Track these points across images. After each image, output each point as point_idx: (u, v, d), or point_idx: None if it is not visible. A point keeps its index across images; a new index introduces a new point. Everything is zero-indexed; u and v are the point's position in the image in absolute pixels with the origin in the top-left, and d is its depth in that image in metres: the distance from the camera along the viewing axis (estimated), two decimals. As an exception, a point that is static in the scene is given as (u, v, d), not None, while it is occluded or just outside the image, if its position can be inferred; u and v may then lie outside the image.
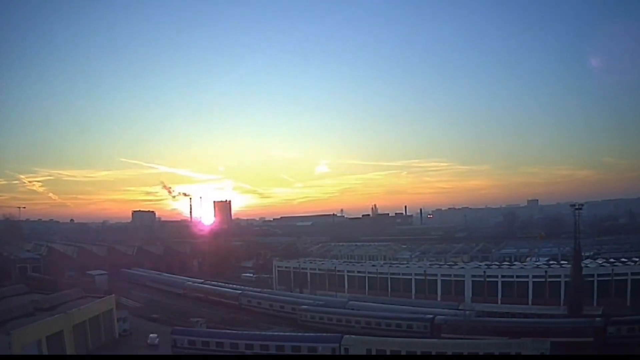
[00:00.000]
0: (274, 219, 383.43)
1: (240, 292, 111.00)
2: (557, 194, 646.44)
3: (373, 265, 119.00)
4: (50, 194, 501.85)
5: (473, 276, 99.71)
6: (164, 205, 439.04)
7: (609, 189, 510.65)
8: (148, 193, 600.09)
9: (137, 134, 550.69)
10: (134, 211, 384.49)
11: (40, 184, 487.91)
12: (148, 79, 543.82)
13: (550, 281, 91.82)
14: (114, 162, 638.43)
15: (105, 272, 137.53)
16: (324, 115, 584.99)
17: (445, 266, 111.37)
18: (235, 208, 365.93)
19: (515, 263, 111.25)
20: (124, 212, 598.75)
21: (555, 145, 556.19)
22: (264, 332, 74.05)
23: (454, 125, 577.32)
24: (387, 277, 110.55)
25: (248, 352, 64.80)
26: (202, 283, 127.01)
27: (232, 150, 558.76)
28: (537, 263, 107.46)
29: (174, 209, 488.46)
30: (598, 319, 70.72)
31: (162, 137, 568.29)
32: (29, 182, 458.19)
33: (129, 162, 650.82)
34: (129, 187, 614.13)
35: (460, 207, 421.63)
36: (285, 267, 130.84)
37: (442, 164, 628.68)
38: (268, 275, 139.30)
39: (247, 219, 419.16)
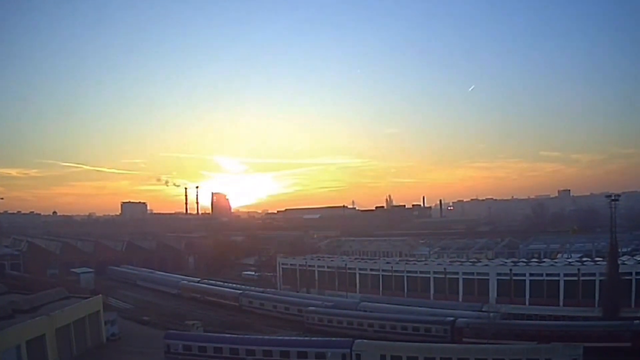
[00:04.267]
0: (278, 212, 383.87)
1: (240, 292, 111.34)
2: (591, 184, 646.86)
3: (387, 263, 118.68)
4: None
5: (498, 274, 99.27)
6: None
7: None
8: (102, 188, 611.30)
9: (48, 133, 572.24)
10: (123, 203, 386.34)
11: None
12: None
13: (583, 280, 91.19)
14: (35, 163, 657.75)
15: (91, 269, 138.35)
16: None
17: (468, 263, 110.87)
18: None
19: (544, 260, 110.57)
20: (112, 205, 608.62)
21: (588, 130, 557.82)
22: (267, 337, 74.01)
23: (478, 110, 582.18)
24: (403, 276, 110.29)
25: (249, 358, 64.81)
26: (198, 282, 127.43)
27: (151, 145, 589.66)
28: (569, 260, 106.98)
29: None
30: (636, 321, 70.19)
31: (75, 135, 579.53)
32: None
33: (47, 162, 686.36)
34: (75, 183, 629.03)
35: (484, 198, 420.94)
36: (291, 265, 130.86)
37: (460, 152, 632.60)
38: (271, 274, 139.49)
39: (249, 212, 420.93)
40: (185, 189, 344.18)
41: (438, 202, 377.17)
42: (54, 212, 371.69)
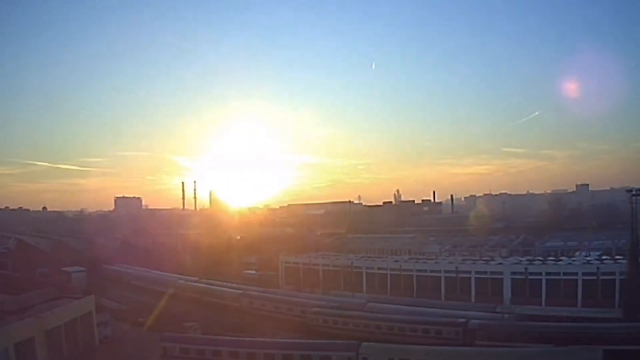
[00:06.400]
0: (280, 207, 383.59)
1: (241, 292, 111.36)
2: (611, 177, 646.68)
3: (396, 261, 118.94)
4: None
5: (513, 273, 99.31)
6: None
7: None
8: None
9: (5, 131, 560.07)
10: (117, 198, 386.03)
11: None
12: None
13: (602, 279, 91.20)
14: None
15: (83, 268, 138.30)
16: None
17: (481, 262, 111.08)
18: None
19: (562, 258, 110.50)
20: (105, 199, 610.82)
21: (607, 118, 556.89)
22: (268, 339, 74.05)
23: (492, 101, 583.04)
24: (412, 275, 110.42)
25: (250, 361, 64.99)
26: (196, 281, 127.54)
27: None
28: (588, 258, 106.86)
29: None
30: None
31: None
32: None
33: (9, 161, 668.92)
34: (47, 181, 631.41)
35: (497, 193, 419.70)
36: (294, 263, 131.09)
37: (474, 144, 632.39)
38: (273, 273, 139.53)
39: (250, 208, 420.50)
40: (182, 183, 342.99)
41: (449, 197, 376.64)
42: (44, 208, 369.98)
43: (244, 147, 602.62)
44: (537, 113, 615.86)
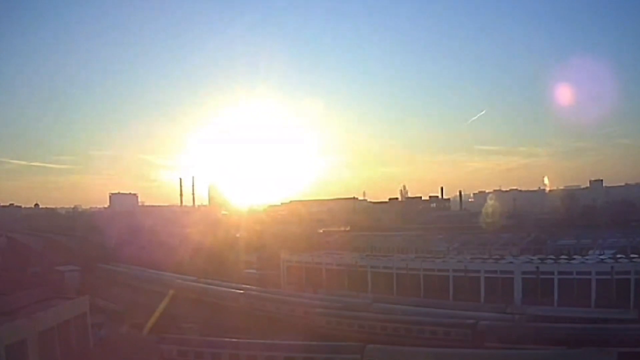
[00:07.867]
0: (282, 204, 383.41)
1: (241, 292, 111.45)
2: (625, 173, 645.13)
3: (402, 260, 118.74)
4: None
5: (524, 272, 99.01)
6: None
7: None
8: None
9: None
10: (112, 194, 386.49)
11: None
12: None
13: (617, 279, 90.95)
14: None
15: (77, 267, 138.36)
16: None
17: (490, 260, 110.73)
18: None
19: (575, 257, 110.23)
20: (100, 196, 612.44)
21: (619, 111, 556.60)
22: (269, 341, 74.01)
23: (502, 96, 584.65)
24: (419, 274, 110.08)
25: (251, 364, 64.95)
26: (195, 281, 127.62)
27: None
28: (602, 257, 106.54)
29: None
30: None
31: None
32: None
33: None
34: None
35: (508, 189, 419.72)
36: (296, 262, 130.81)
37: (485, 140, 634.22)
38: (275, 272, 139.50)
39: (250, 204, 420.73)
40: (180, 179, 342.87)
41: (457, 194, 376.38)
42: (36, 205, 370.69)
43: (243, 144, 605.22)
44: (483, 111, 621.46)
